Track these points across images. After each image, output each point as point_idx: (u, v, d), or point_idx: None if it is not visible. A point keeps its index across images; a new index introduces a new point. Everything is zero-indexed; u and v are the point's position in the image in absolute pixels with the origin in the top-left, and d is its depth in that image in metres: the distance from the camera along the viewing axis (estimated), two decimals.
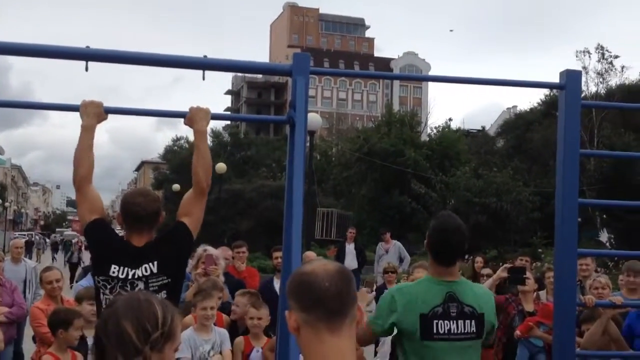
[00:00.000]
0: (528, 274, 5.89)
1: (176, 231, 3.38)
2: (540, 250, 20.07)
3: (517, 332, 5.65)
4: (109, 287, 3.25)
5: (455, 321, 3.17)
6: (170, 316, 1.78)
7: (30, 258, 24.96)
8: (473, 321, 3.20)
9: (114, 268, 3.23)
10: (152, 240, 3.34)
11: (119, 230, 3.56)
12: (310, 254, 8.71)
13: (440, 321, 3.16)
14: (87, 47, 3.47)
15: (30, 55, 3.48)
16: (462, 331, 3.18)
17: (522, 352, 5.82)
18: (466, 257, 13.27)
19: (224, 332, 5.09)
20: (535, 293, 6.34)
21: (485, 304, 3.27)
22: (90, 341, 4.79)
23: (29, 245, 36.03)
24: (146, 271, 3.25)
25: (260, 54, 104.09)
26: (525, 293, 5.97)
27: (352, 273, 1.83)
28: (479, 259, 9.81)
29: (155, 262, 3.25)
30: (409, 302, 3.21)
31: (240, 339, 5.12)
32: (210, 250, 6.07)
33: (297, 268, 1.84)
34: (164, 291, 3.25)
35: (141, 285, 3.23)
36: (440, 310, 3.17)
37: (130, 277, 3.23)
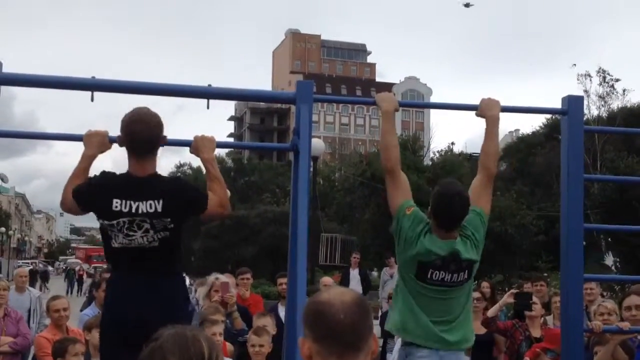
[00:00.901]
0: (534, 299, 5.87)
1: (195, 191, 3.33)
2: (546, 274, 19.95)
3: (526, 359, 5.61)
4: (116, 228, 3.17)
5: (451, 274, 3.42)
6: (216, 354, 1.73)
7: (35, 287, 24.90)
8: (467, 270, 3.47)
9: (116, 202, 3.15)
10: (159, 175, 3.29)
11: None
12: (327, 279, 8.69)
13: (436, 271, 3.41)
14: (93, 77, 3.52)
15: (38, 87, 3.53)
16: (456, 280, 3.44)
17: None
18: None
19: None
20: (542, 318, 6.30)
21: (479, 242, 3.52)
22: None
23: (33, 274, 35.84)
24: (151, 207, 3.16)
25: (262, 80, 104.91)
26: (532, 318, 5.93)
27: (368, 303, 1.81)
28: (485, 284, 9.73)
29: (161, 201, 3.16)
30: (413, 243, 3.42)
31: None
32: (223, 278, 6.10)
33: (314, 295, 1.80)
34: (168, 232, 3.20)
35: (147, 225, 3.15)
36: (440, 262, 3.39)
37: (134, 211, 3.14)
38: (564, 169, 3.77)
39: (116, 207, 3.14)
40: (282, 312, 6.30)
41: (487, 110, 3.71)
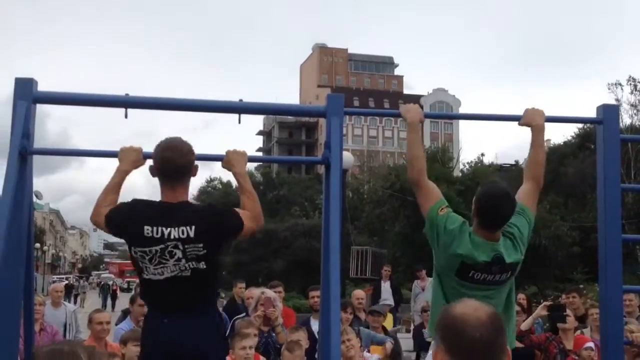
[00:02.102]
0: (568, 312, 5.78)
1: (228, 214, 3.29)
2: (582, 286, 19.63)
3: None
4: (147, 257, 3.14)
5: (493, 275, 3.38)
6: None
7: (70, 302, 25.20)
8: (510, 271, 3.43)
9: (147, 229, 3.13)
10: (190, 203, 3.28)
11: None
12: (359, 292, 8.68)
13: (478, 273, 3.36)
14: (127, 94, 3.57)
15: (73, 104, 3.59)
16: (498, 280, 3.40)
17: None
18: None
19: None
20: (578, 331, 6.20)
21: (524, 243, 3.49)
22: None
23: (69, 289, 36.24)
24: (183, 234, 3.12)
25: (290, 94, 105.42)
26: (565, 331, 5.83)
27: (501, 319, 1.76)
28: (520, 295, 9.62)
29: (193, 227, 3.13)
30: (453, 245, 3.36)
31: None
32: (268, 292, 6.15)
33: (450, 307, 1.77)
34: (203, 262, 3.15)
35: (179, 253, 3.12)
36: (484, 266, 3.35)
37: (166, 237, 3.11)
38: (600, 179, 3.71)
39: (147, 233, 3.13)
40: (314, 325, 6.29)
41: (532, 120, 3.69)
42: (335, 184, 3.40)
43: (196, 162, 3.31)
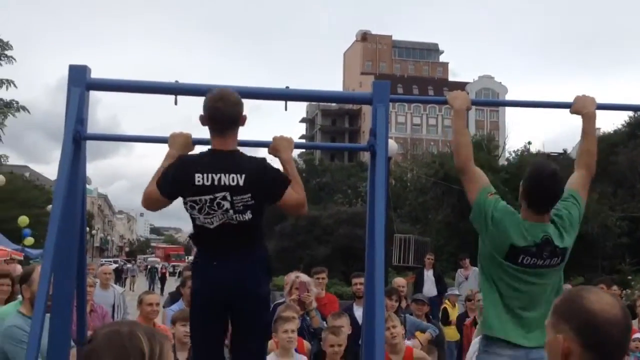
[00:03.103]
0: None
1: (279, 174, 3.38)
2: (630, 277, 19.18)
3: None
4: (197, 207, 3.27)
5: (544, 259, 3.34)
6: (159, 347, 1.59)
7: (121, 286, 25.77)
8: (560, 256, 3.39)
9: (198, 177, 3.24)
10: (241, 152, 3.37)
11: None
12: (400, 280, 8.69)
13: (528, 257, 3.33)
14: (176, 81, 3.63)
15: (125, 91, 3.68)
16: (548, 264, 3.36)
17: None
18: None
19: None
20: None
21: (574, 230, 3.45)
22: None
23: (118, 273, 36.92)
24: (233, 181, 3.23)
25: (333, 82, 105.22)
26: None
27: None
28: (566, 286, 9.49)
29: (243, 175, 3.24)
30: (503, 227, 3.34)
31: None
32: (302, 277, 6.21)
33: (582, 296, 1.73)
34: (249, 211, 3.28)
35: (227, 204, 3.23)
36: (534, 250, 3.32)
37: (216, 183, 3.21)
38: None
39: (198, 181, 3.22)
40: (357, 312, 6.33)
41: (583, 108, 3.62)
42: (381, 172, 3.41)
43: (244, 113, 3.39)
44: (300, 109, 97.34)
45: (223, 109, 3.28)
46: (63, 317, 3.35)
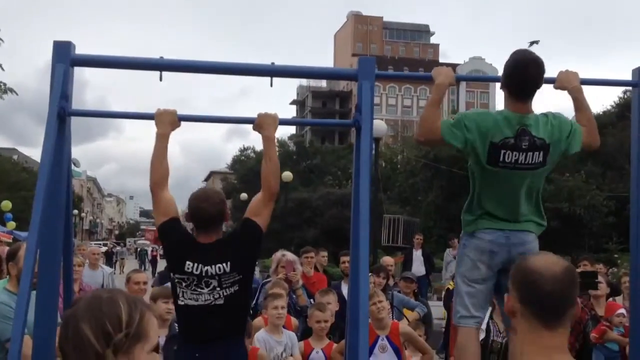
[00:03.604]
0: (600, 278, 5.76)
1: (248, 230, 3.49)
2: (616, 255, 19.40)
3: (594, 335, 5.52)
4: (184, 283, 3.38)
5: (524, 153, 3.32)
6: (139, 314, 1.60)
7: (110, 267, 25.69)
8: (542, 152, 3.35)
9: (189, 264, 3.37)
10: (222, 239, 3.48)
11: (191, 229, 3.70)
12: (388, 259, 8.74)
13: (509, 152, 3.31)
14: (161, 57, 3.62)
15: (109, 67, 3.66)
16: (530, 162, 3.34)
17: (598, 357, 5.67)
18: None
19: (294, 336, 5.18)
20: (611, 298, 6.18)
21: (559, 133, 3.40)
22: (162, 340, 4.93)
23: (109, 256, 36.78)
24: (220, 270, 3.36)
25: (324, 63, 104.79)
26: (597, 297, 5.82)
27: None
28: None
29: (229, 262, 3.37)
30: (479, 128, 3.34)
31: (300, 343, 5.19)
32: (289, 255, 6.26)
33: (527, 259, 1.84)
34: (236, 285, 3.37)
35: (215, 283, 3.35)
36: (512, 141, 3.31)
37: (204, 273, 3.35)
38: (634, 143, 3.64)
39: (188, 268, 3.37)
40: (344, 289, 6.39)
41: (568, 83, 3.61)
42: (366, 147, 3.41)
43: (228, 211, 3.57)
44: (290, 91, 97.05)
45: (208, 210, 3.43)
46: (49, 293, 3.35)
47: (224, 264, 3.37)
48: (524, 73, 3.32)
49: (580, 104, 3.62)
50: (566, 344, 1.79)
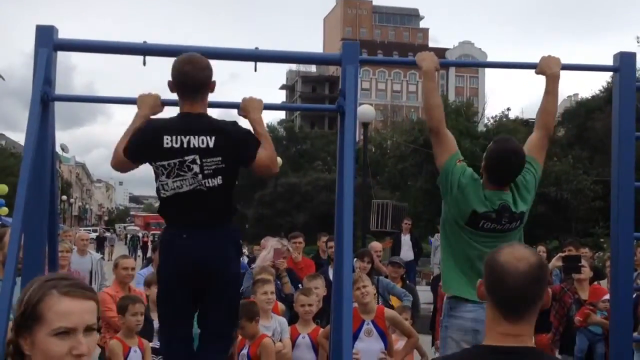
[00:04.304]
0: (583, 262, 5.82)
1: (249, 134, 3.33)
2: (602, 240, 19.56)
3: (578, 319, 5.59)
4: (165, 171, 3.20)
5: (502, 224, 3.47)
6: (38, 296, 1.60)
7: (102, 253, 25.56)
8: (519, 220, 3.51)
9: (167, 139, 3.17)
10: (211, 118, 3.31)
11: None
12: (376, 244, 8.77)
13: (488, 223, 3.45)
14: (144, 42, 3.61)
15: (91, 51, 3.65)
16: (507, 228, 3.49)
17: (582, 341, 5.74)
18: None
19: (284, 321, 5.21)
20: (595, 282, 6.25)
21: (533, 191, 3.55)
22: (156, 324, 4.96)
23: (100, 241, 36.43)
24: (202, 143, 3.17)
25: (314, 48, 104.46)
26: (580, 281, 5.88)
27: (541, 268, 1.81)
28: (541, 248, 9.69)
29: (213, 137, 3.17)
30: (467, 195, 3.45)
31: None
32: (275, 244, 6.31)
33: (498, 250, 1.85)
34: (219, 176, 3.21)
35: (196, 168, 3.17)
36: (494, 215, 3.44)
37: (185, 146, 3.16)
38: (614, 127, 3.70)
39: (167, 143, 3.16)
40: (332, 273, 6.42)
41: (547, 68, 3.66)
42: (350, 132, 3.42)
43: (213, 79, 3.31)
44: (280, 76, 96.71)
45: (192, 73, 3.21)
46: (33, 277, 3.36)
47: (208, 138, 3.15)
48: (507, 166, 3.45)
49: (550, 90, 3.69)
50: (528, 333, 1.81)
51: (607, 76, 33.44)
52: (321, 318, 5.77)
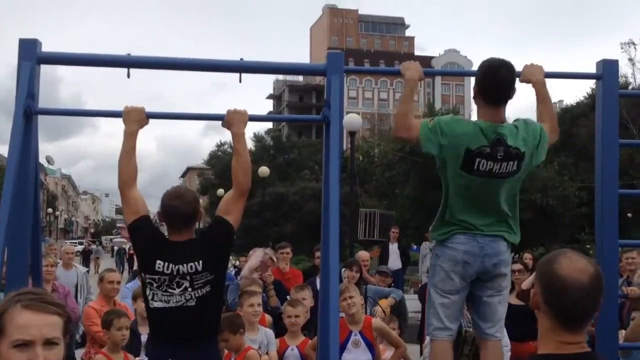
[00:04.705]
0: None
1: (219, 228, 3.46)
2: (588, 246, 19.69)
3: None
4: (155, 284, 3.32)
5: (499, 162, 3.34)
6: (3, 309, 1.65)
7: (87, 267, 25.26)
8: (516, 161, 3.38)
9: (159, 263, 3.31)
10: (195, 238, 3.43)
11: (163, 227, 3.65)
12: (363, 253, 8.75)
13: (484, 160, 3.33)
14: (129, 54, 3.60)
15: (75, 64, 3.63)
16: (504, 170, 3.37)
17: None
18: (514, 255, 13.09)
19: (271, 333, 5.17)
20: None
21: (532, 140, 3.42)
22: (143, 338, 4.91)
23: (86, 255, 36.07)
24: (191, 269, 3.31)
25: (301, 57, 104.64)
26: None
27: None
28: (527, 255, 9.69)
29: (201, 261, 3.32)
30: (455, 133, 3.35)
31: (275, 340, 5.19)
32: (262, 257, 6.28)
33: (553, 259, 1.84)
34: (208, 285, 3.33)
35: (186, 283, 3.30)
36: (488, 150, 3.33)
37: (175, 272, 3.30)
38: (598, 133, 3.72)
39: (159, 268, 3.31)
40: (319, 284, 6.40)
41: (532, 76, 3.65)
42: (335, 142, 3.42)
43: (201, 209, 3.51)
44: (267, 85, 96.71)
45: (180, 207, 3.37)
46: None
47: (196, 263, 3.31)
48: (496, 76, 3.35)
49: (542, 97, 3.66)
50: (584, 339, 1.84)
51: (591, 83, 33.76)
52: (309, 329, 5.75)
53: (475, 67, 3.61)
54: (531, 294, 1.86)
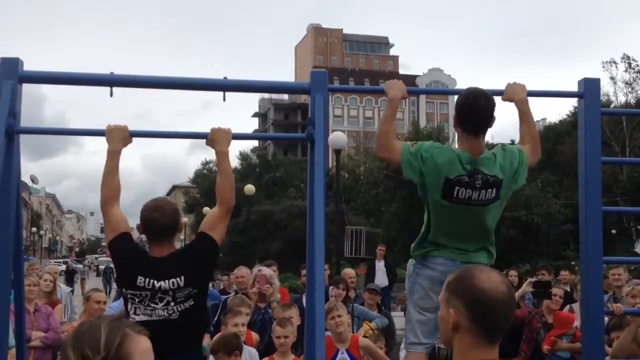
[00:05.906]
0: (555, 291, 5.85)
1: (203, 244, 3.43)
2: (573, 263, 19.77)
3: (547, 347, 5.59)
4: (137, 299, 3.29)
5: (478, 190, 3.36)
6: (119, 339, 1.67)
7: (72, 286, 24.89)
8: (495, 188, 3.40)
9: (140, 279, 3.29)
10: (176, 253, 3.41)
11: (144, 242, 3.62)
12: (349, 271, 8.72)
13: (463, 189, 3.35)
14: (112, 73, 3.58)
15: (57, 83, 3.61)
16: (483, 198, 3.38)
17: None
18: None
19: (254, 353, 5.12)
20: (568, 306, 6.28)
21: (511, 165, 3.45)
22: None
23: (70, 274, 35.62)
24: (173, 285, 3.29)
25: (285, 76, 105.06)
26: (550, 310, 5.88)
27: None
28: (512, 272, 9.74)
29: (182, 277, 3.29)
30: (435, 161, 3.37)
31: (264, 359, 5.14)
32: (264, 270, 6.25)
33: (472, 275, 1.83)
34: (191, 299, 3.31)
35: (169, 298, 3.28)
36: (466, 179, 3.34)
37: (156, 288, 3.27)
38: (580, 151, 3.74)
39: (140, 283, 3.29)
40: (305, 302, 6.37)
41: (515, 95, 3.66)
42: (320, 161, 3.42)
43: (182, 220, 3.54)
44: (252, 103, 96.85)
45: (159, 220, 3.36)
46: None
47: (178, 279, 3.29)
48: (474, 106, 3.37)
49: (525, 116, 3.68)
50: (497, 356, 1.83)
51: (574, 101, 34.13)
52: (296, 348, 5.70)
53: (458, 86, 3.63)
54: (448, 317, 1.82)
